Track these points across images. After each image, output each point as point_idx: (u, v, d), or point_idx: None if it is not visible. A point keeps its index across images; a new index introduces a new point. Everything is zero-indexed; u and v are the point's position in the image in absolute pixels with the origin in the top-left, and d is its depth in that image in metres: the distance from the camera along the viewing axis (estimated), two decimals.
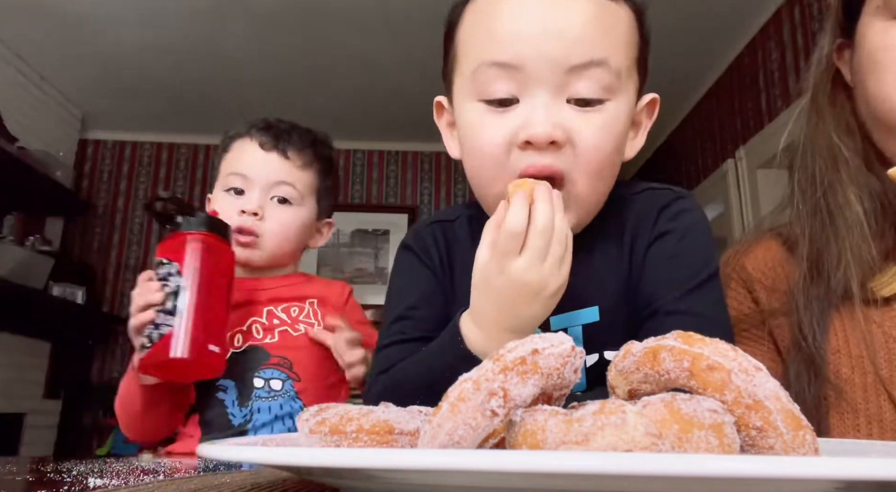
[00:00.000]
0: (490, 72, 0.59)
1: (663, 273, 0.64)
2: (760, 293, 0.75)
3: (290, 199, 1.11)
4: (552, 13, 0.58)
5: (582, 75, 0.58)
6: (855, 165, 0.69)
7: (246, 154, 1.11)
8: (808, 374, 0.66)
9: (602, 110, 0.59)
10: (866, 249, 0.65)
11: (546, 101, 0.58)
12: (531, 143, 0.58)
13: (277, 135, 1.13)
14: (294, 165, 1.12)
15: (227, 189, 1.10)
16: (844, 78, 0.73)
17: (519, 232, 0.54)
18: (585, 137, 0.58)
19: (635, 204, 0.68)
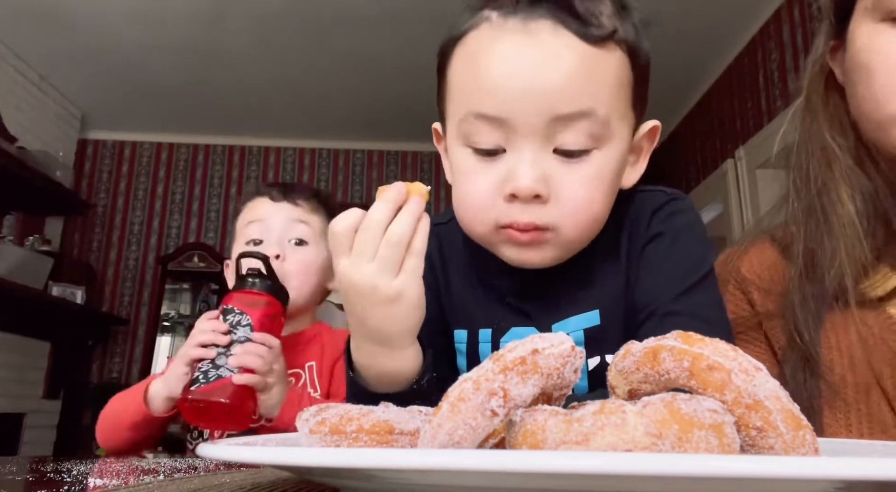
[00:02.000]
0: (477, 123, 0.59)
1: (658, 275, 0.64)
2: (755, 296, 0.76)
3: (306, 239, 1.16)
4: (537, 66, 0.57)
5: (567, 126, 0.57)
6: (848, 164, 0.69)
7: (259, 207, 1.18)
8: (803, 372, 0.67)
9: (589, 160, 0.59)
10: (859, 248, 0.65)
11: (532, 154, 0.58)
12: (516, 196, 0.58)
13: (285, 188, 1.20)
14: (304, 210, 1.18)
15: (247, 242, 1.14)
16: (838, 78, 0.73)
17: (337, 231, 0.54)
18: (571, 190, 0.58)
19: (629, 207, 0.68)
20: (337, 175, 4.32)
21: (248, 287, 0.98)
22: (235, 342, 0.92)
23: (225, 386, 0.88)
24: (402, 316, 0.55)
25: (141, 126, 4.17)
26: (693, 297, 0.62)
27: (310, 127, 4.09)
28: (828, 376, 0.65)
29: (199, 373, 0.89)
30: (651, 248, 0.65)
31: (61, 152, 3.60)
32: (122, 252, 4.16)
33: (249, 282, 0.98)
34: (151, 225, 4.21)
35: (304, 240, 1.16)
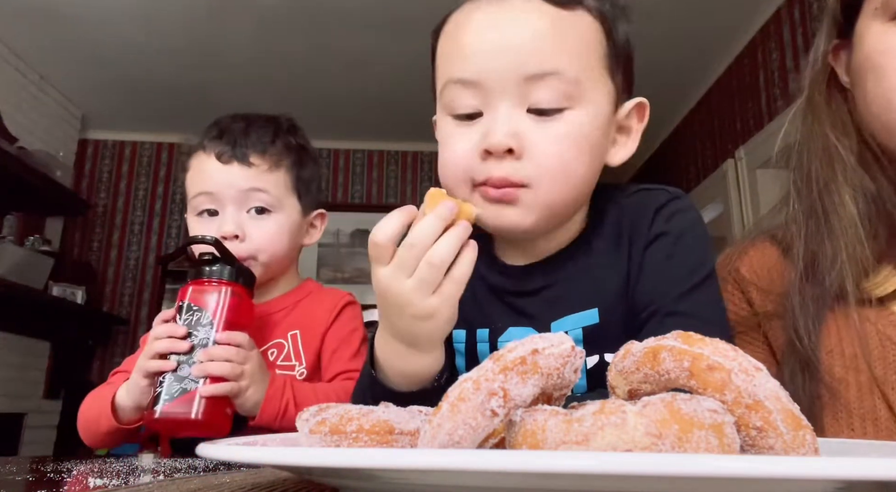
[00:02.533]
0: (455, 88, 0.62)
1: (660, 275, 0.64)
2: (755, 296, 0.75)
3: (267, 206, 1.01)
4: (506, 30, 0.61)
5: (538, 85, 0.59)
6: (850, 165, 0.69)
7: (206, 170, 1.00)
8: (802, 374, 0.67)
9: (562, 119, 0.60)
10: (861, 249, 0.65)
11: (506, 112, 0.60)
12: (490, 152, 0.59)
13: (234, 141, 1.01)
14: (261, 171, 1.01)
15: (198, 213, 1.00)
16: (840, 78, 0.73)
17: (379, 242, 0.54)
18: (543, 145, 0.60)
19: (630, 206, 0.68)
20: (337, 175, 4.32)
21: (204, 276, 0.84)
22: (197, 347, 0.80)
23: (191, 400, 0.78)
24: (432, 329, 0.56)
25: (141, 126, 4.17)
26: (695, 297, 0.62)
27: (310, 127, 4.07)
28: (827, 380, 0.65)
29: (161, 389, 0.78)
30: (654, 248, 0.65)
31: (61, 152, 3.60)
32: (122, 252, 4.16)
33: (205, 271, 0.84)
34: (151, 225, 4.21)
35: (266, 208, 1.00)
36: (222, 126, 1.03)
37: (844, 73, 0.72)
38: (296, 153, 1.06)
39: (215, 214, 0.99)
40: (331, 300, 1.06)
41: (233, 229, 0.97)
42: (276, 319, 1.03)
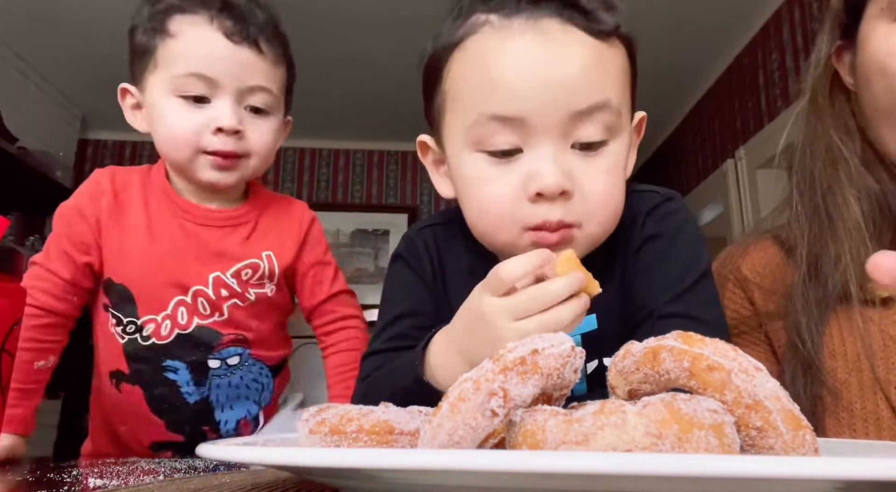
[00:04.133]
0: (491, 125, 0.59)
1: (655, 276, 0.63)
2: (756, 296, 0.75)
3: (266, 108, 0.90)
4: (550, 62, 0.57)
5: (586, 120, 0.58)
6: (854, 166, 0.68)
7: (207, 46, 0.85)
8: (804, 376, 0.66)
9: (605, 153, 0.60)
10: (865, 251, 0.65)
11: (553, 150, 0.58)
12: (542, 194, 0.57)
13: (243, 16, 0.87)
14: (268, 62, 0.89)
15: (183, 95, 0.86)
16: (843, 80, 0.73)
17: (505, 281, 0.53)
18: (593, 183, 0.59)
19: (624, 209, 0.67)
20: (337, 175, 4.32)
21: None
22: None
23: None
24: None
25: None
26: (690, 297, 0.62)
27: (310, 127, 4.08)
28: (829, 382, 0.65)
29: None
30: (646, 249, 0.65)
31: (61, 152, 3.59)
32: None
33: None
34: None
35: (264, 109, 0.90)
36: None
37: (848, 75, 0.72)
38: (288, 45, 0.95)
39: (203, 101, 0.86)
40: (295, 216, 1.01)
41: (235, 123, 0.86)
42: (243, 232, 0.96)
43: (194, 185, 0.94)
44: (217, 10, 0.86)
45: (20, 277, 0.61)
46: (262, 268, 0.95)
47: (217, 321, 0.93)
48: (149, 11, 0.89)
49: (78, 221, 0.93)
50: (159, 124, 0.89)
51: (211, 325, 0.93)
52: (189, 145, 0.87)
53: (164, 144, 0.90)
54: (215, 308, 0.93)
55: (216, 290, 0.92)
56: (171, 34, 0.86)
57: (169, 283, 0.92)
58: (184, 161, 0.89)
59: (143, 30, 0.89)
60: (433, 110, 0.67)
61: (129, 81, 0.93)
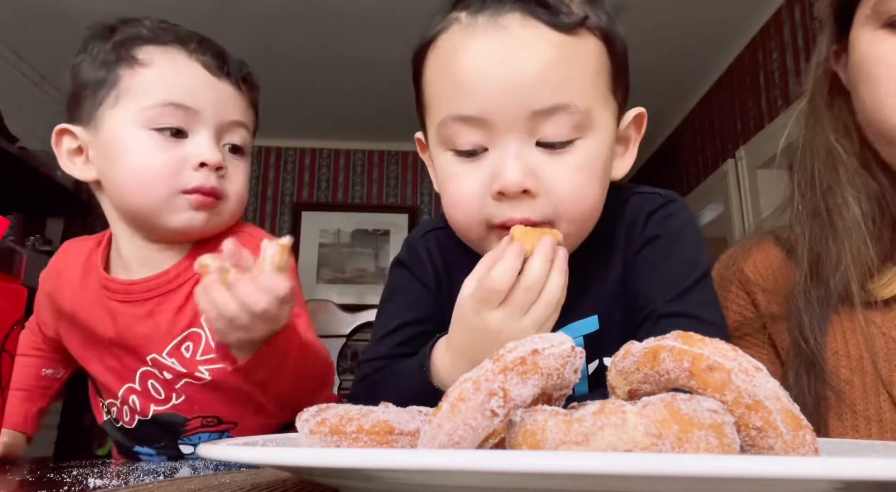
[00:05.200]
0: (456, 125, 0.59)
1: (655, 277, 0.64)
2: (760, 297, 0.75)
3: (244, 147, 0.83)
4: (511, 61, 0.57)
5: (548, 119, 0.57)
6: (853, 166, 0.69)
7: (187, 76, 0.77)
8: (807, 376, 0.67)
9: (574, 150, 0.58)
10: (865, 250, 0.65)
11: (515, 149, 0.57)
12: (504, 193, 0.57)
13: (221, 53, 0.81)
14: (246, 101, 0.83)
15: (157, 128, 0.76)
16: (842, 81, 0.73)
17: (501, 290, 0.53)
18: (557, 180, 0.58)
19: (625, 210, 0.68)
20: (337, 175, 4.32)
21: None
22: None
23: None
24: None
25: None
26: (690, 298, 0.62)
27: (310, 127, 4.09)
28: (832, 381, 0.65)
29: None
30: (647, 251, 0.65)
31: None
32: None
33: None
34: None
35: (242, 148, 0.82)
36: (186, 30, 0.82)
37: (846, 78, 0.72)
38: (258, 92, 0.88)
39: (180, 136, 0.77)
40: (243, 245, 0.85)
41: (220, 159, 0.77)
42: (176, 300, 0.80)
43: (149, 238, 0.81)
44: (195, 44, 0.80)
45: (20, 277, 0.60)
46: (204, 338, 0.80)
47: (177, 405, 0.81)
48: (104, 45, 0.80)
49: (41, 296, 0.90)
50: (123, 163, 0.76)
51: (171, 410, 0.81)
52: (165, 184, 0.75)
53: (128, 187, 0.77)
54: (170, 391, 0.81)
55: (161, 371, 0.80)
56: (141, 63, 0.77)
57: (109, 370, 0.83)
58: (156, 203, 0.76)
59: (99, 63, 0.80)
60: (420, 107, 0.68)
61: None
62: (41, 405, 0.91)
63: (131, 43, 0.78)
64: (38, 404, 0.90)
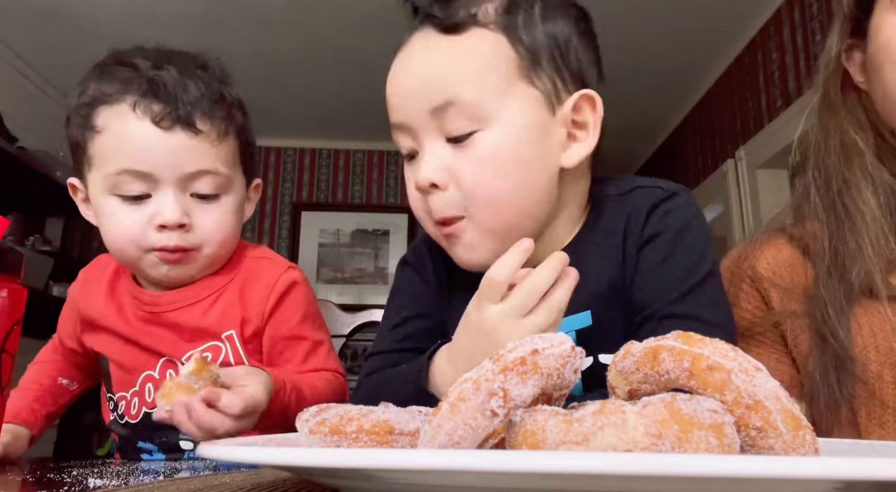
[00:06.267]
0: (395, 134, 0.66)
1: (657, 276, 0.63)
2: (773, 295, 0.75)
3: (215, 191, 0.81)
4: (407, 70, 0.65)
5: (444, 115, 0.61)
6: (869, 159, 0.69)
7: (134, 138, 0.76)
8: (836, 372, 0.66)
9: (474, 143, 0.61)
10: (885, 242, 0.66)
11: (429, 147, 0.62)
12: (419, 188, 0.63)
13: (171, 96, 0.77)
14: (209, 141, 0.78)
15: (120, 194, 0.78)
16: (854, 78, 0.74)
17: (498, 282, 0.55)
18: (465, 172, 0.61)
19: (625, 204, 0.67)
20: (337, 175, 4.32)
21: None
22: None
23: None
24: None
25: None
26: (692, 299, 0.61)
27: (310, 127, 4.08)
28: (862, 375, 0.65)
29: None
30: (648, 249, 0.64)
31: (61, 152, 3.59)
32: None
33: None
34: None
35: (214, 194, 0.81)
36: (143, 71, 0.78)
37: (858, 73, 0.73)
38: (239, 109, 0.85)
39: (143, 198, 0.78)
40: (265, 281, 0.85)
41: (178, 217, 0.77)
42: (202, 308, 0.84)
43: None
44: (140, 94, 0.76)
45: (20, 277, 0.61)
46: (223, 352, 0.83)
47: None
48: (77, 102, 0.81)
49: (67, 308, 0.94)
50: (102, 224, 0.82)
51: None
52: (132, 245, 0.79)
53: (109, 245, 0.82)
54: None
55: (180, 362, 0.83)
56: (98, 130, 0.78)
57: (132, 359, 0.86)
58: (132, 261, 0.81)
59: (74, 124, 0.82)
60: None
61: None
62: (51, 410, 0.92)
63: (88, 108, 0.79)
64: (47, 408, 0.91)
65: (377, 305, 0.78)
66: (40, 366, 0.95)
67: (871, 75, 0.70)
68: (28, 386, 0.92)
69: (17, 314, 0.63)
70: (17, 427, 0.84)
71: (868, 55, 0.70)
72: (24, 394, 0.90)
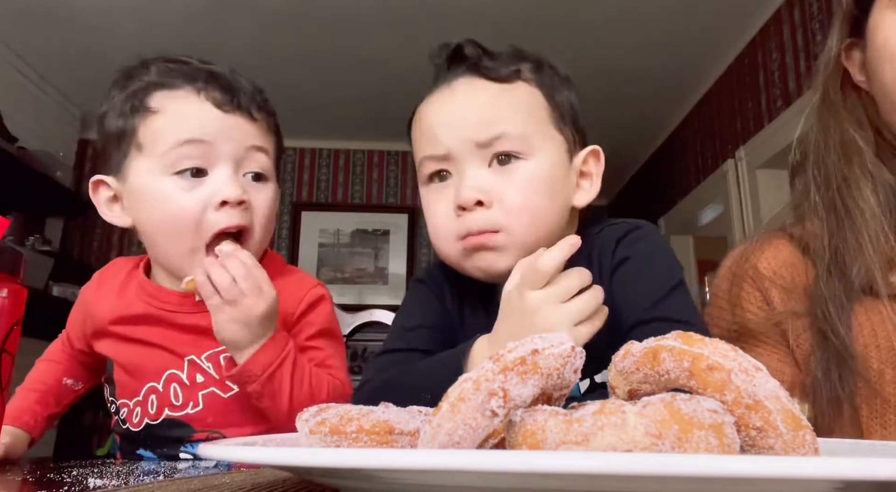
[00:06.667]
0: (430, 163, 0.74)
1: (632, 292, 0.68)
2: (774, 294, 0.75)
3: (266, 172, 0.84)
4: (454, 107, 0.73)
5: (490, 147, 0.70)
6: (869, 157, 0.70)
7: (197, 116, 0.78)
8: (838, 369, 0.66)
9: (517, 168, 0.70)
10: (885, 240, 0.66)
11: (471, 171, 0.70)
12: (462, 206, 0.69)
13: (231, 86, 0.81)
14: (262, 128, 0.84)
15: (178, 171, 0.77)
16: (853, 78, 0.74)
17: (545, 271, 0.61)
18: (506, 192, 0.70)
19: (597, 240, 0.74)
20: (337, 175, 4.32)
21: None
22: None
23: None
24: None
25: None
26: (668, 303, 0.66)
27: (310, 127, 4.08)
28: (864, 372, 0.65)
29: None
30: (620, 272, 0.71)
31: (61, 152, 3.59)
32: (122, 252, 4.16)
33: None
34: None
35: (264, 175, 0.83)
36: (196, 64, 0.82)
37: (858, 72, 0.73)
38: (275, 117, 0.89)
39: (200, 175, 0.78)
40: (295, 294, 0.87)
41: (239, 193, 0.78)
42: None
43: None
44: (203, 81, 0.80)
45: (20, 277, 0.61)
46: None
47: (191, 414, 0.83)
48: (122, 93, 0.82)
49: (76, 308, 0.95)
50: (152, 210, 0.79)
51: (183, 418, 0.83)
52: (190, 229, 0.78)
53: (161, 233, 0.80)
54: (188, 397, 0.83)
55: (191, 374, 0.83)
56: (154, 110, 0.79)
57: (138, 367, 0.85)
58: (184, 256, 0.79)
59: (118, 113, 0.81)
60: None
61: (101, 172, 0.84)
62: (53, 411, 0.92)
63: (143, 92, 0.80)
64: (49, 410, 0.91)
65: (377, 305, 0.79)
66: (47, 365, 0.95)
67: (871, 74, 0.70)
68: (32, 387, 0.92)
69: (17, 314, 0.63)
70: (17, 430, 0.84)
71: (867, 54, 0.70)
72: (27, 395, 0.90)
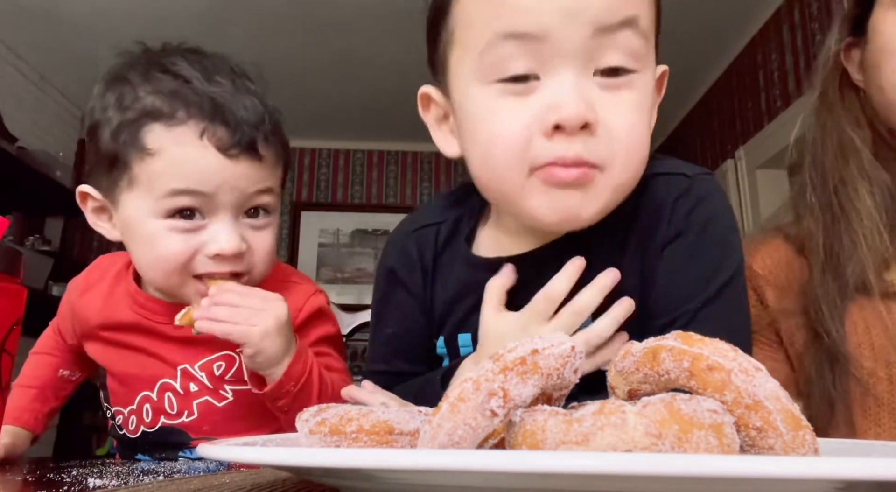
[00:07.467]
0: (507, 46, 0.51)
1: (680, 280, 0.58)
2: (769, 294, 0.75)
3: (270, 208, 0.79)
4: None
5: (612, 40, 0.50)
6: (865, 157, 0.70)
7: (198, 164, 0.71)
8: (831, 370, 0.66)
9: (631, 85, 0.52)
10: (880, 239, 0.66)
11: (574, 77, 0.50)
12: (562, 126, 0.50)
13: (236, 119, 0.72)
14: (268, 166, 0.76)
15: (171, 214, 0.72)
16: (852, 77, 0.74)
17: (556, 298, 0.56)
18: (615, 118, 0.51)
19: (644, 195, 0.59)
20: (337, 175, 4.32)
21: None
22: None
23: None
24: None
25: None
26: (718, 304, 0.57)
27: (309, 127, 4.08)
28: (856, 372, 0.65)
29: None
30: (671, 249, 0.59)
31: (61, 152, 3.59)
32: None
33: None
34: None
35: (267, 211, 0.78)
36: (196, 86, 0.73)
37: (857, 72, 0.73)
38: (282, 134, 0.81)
39: (196, 218, 0.73)
40: (295, 300, 0.83)
41: (237, 246, 0.73)
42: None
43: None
44: (208, 118, 0.71)
45: (20, 277, 0.60)
46: (237, 362, 0.81)
47: (186, 422, 0.82)
48: (116, 109, 0.74)
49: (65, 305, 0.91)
50: (141, 246, 0.76)
51: (179, 426, 0.82)
52: (178, 273, 0.74)
53: (147, 270, 0.78)
54: (184, 406, 0.81)
55: (184, 383, 0.81)
56: (150, 152, 0.71)
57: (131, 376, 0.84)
58: (171, 288, 0.77)
59: (111, 134, 0.73)
60: (438, 54, 0.60)
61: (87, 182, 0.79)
62: (53, 406, 0.91)
63: (139, 124, 0.72)
64: (49, 405, 0.91)
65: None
66: (41, 358, 0.93)
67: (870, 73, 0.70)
68: (28, 383, 0.90)
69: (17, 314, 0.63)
70: (17, 429, 0.84)
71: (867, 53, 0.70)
72: (25, 392, 0.90)
